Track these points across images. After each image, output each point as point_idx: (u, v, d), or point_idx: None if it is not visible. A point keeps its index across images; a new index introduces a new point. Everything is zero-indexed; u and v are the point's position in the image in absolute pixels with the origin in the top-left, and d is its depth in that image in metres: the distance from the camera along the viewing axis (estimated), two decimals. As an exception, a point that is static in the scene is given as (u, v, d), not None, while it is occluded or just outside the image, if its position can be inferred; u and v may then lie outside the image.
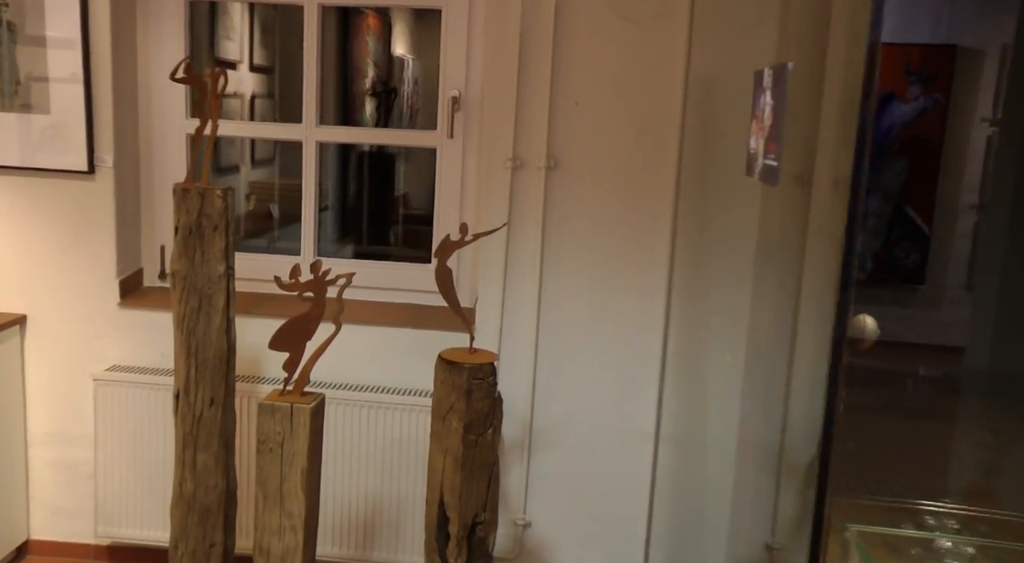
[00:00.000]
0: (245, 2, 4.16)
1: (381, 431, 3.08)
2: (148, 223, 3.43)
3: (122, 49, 3.20)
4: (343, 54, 6.37)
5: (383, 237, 3.93)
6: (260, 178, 5.67)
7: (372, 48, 6.51)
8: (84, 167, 3.17)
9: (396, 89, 4.72)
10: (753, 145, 1.83)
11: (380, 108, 4.73)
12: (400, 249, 3.71)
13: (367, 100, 4.76)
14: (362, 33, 6.55)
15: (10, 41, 3.11)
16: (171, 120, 3.34)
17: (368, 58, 6.38)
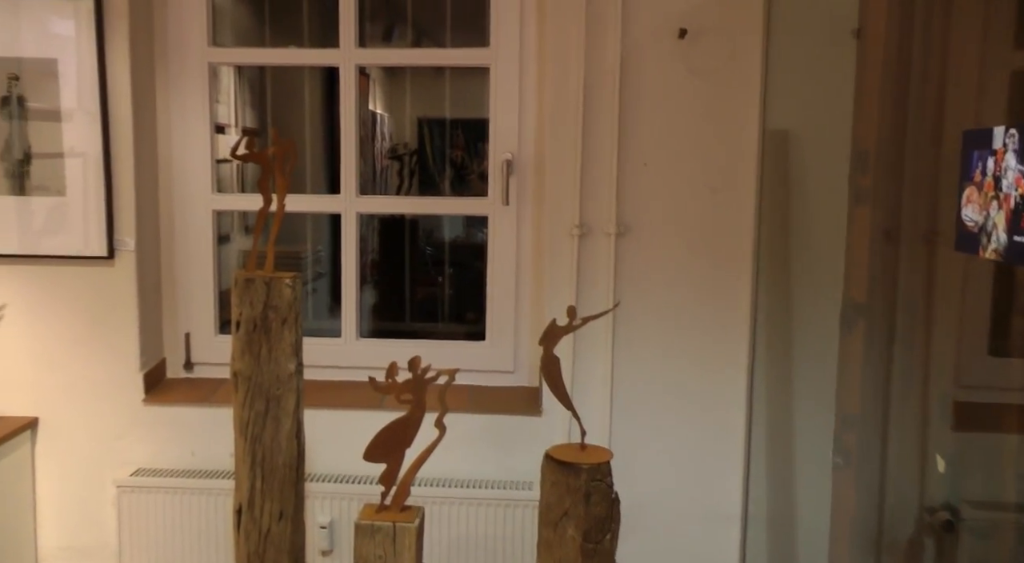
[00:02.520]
0: (260, 68, 3.91)
1: (455, 529, 2.79)
2: (171, 309, 3.13)
3: (142, 120, 2.92)
4: (329, 114, 6.14)
5: (422, 312, 3.66)
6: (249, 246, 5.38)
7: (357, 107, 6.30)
8: (103, 251, 2.87)
9: (418, 150, 4.48)
10: (973, 217, 1.61)
11: (402, 172, 4.50)
12: (446, 325, 3.44)
13: (390, 163, 4.53)
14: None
15: (20, 117, 2.81)
16: (196, 195, 3.06)
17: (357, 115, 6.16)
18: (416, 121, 5.40)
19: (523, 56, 2.94)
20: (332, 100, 4.72)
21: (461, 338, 3.20)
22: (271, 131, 2.14)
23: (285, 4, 3.74)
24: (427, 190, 4.85)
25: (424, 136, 4.95)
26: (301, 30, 3.65)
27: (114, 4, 2.80)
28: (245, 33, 3.97)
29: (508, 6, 2.91)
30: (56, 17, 2.78)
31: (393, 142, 5.24)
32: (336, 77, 3.03)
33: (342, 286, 3.07)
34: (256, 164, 2.14)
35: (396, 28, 4.19)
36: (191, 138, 3.03)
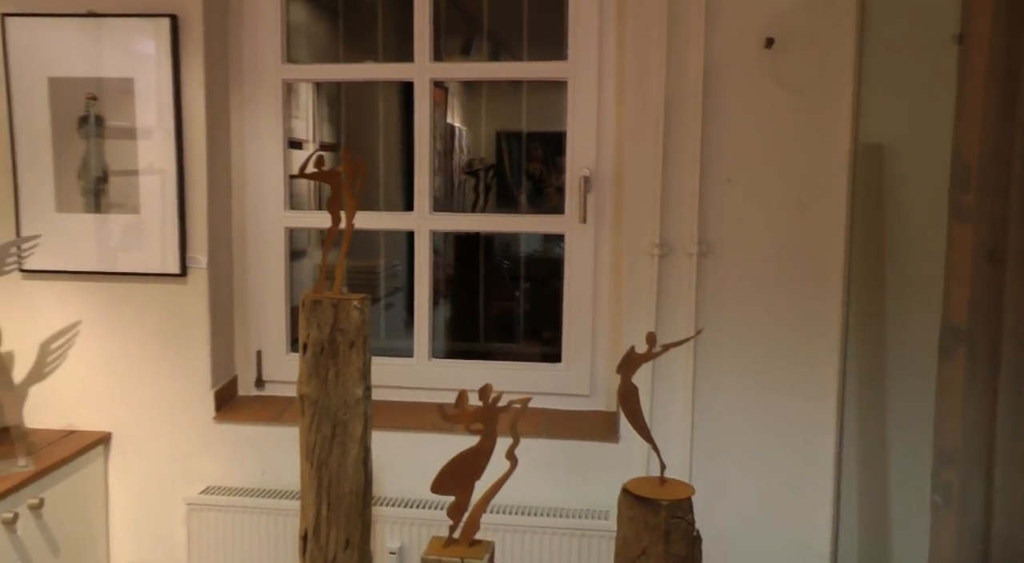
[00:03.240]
0: (337, 83, 3.88)
1: (527, 559, 2.68)
2: (242, 326, 3.10)
3: (216, 138, 2.91)
4: (406, 128, 6.11)
5: (497, 329, 3.57)
6: (330, 261, 5.37)
7: (435, 120, 6.26)
8: (176, 269, 2.86)
9: (495, 166, 4.41)
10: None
11: (478, 187, 4.43)
12: (520, 346, 3.34)
13: (465, 179, 4.47)
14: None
15: (98, 136, 2.82)
16: (268, 213, 3.03)
17: (432, 131, 6.12)
18: (494, 134, 5.35)
19: (601, 69, 2.85)
20: (409, 114, 4.65)
21: (536, 359, 3.09)
22: (341, 149, 2.08)
23: (361, 19, 3.72)
24: (504, 204, 4.78)
25: (502, 149, 4.88)
26: (377, 44, 3.61)
27: (190, 23, 2.79)
28: (321, 49, 3.95)
29: (586, 18, 2.82)
30: (134, 37, 2.79)
31: (470, 156, 5.19)
32: (412, 90, 2.97)
33: (415, 305, 3.00)
34: (326, 183, 2.08)
35: (474, 41, 4.14)
36: (264, 155, 3.01)
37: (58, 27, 2.81)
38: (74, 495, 2.84)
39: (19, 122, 2.85)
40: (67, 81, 2.82)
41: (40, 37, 2.81)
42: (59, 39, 2.81)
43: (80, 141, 2.83)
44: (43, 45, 2.81)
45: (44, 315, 2.96)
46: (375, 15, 3.60)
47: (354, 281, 4.41)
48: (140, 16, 2.78)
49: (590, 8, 2.81)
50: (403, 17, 3.00)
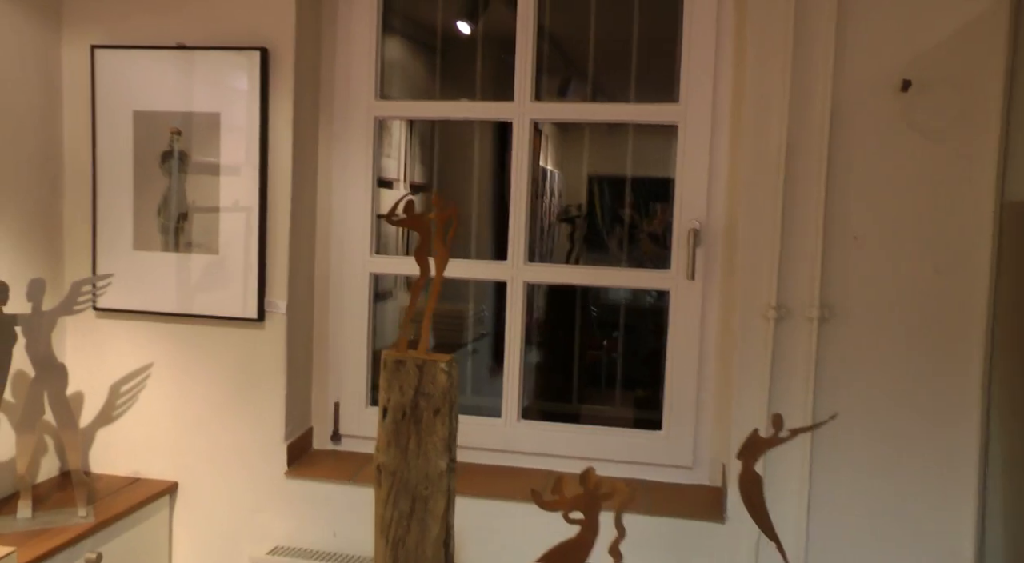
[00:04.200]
0: (430, 122, 3.72)
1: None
2: (320, 376, 2.93)
3: (302, 175, 2.76)
4: (499, 169, 5.95)
5: (590, 385, 3.33)
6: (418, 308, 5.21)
7: (530, 165, 6.08)
8: (254, 313, 2.70)
9: (591, 212, 4.20)
10: None
11: (573, 235, 4.22)
12: (616, 409, 3.10)
13: (559, 226, 4.27)
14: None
15: (180, 172, 2.70)
16: (353, 256, 2.87)
17: (529, 175, 5.94)
18: (586, 178, 5.13)
19: (715, 113, 2.62)
20: (503, 155, 4.48)
21: (634, 424, 2.85)
22: (432, 193, 1.89)
23: (457, 57, 3.56)
24: (594, 250, 4.54)
25: (594, 194, 4.66)
26: (472, 83, 3.45)
27: (281, 57, 2.66)
28: (416, 87, 3.81)
29: (700, 58, 2.60)
30: (223, 70, 2.67)
31: (564, 202, 4.98)
32: (508, 132, 2.80)
33: (505, 362, 2.79)
34: (414, 230, 1.89)
35: (571, 82, 3.95)
36: (352, 195, 2.85)
37: (146, 60, 2.71)
38: (135, 549, 2.68)
39: (102, 155, 2.75)
40: (152, 115, 2.71)
41: (128, 69, 2.72)
42: (146, 72, 2.70)
43: (162, 177, 2.72)
44: (130, 78, 2.72)
45: (116, 355, 2.84)
46: (472, 53, 3.45)
47: (438, 326, 4.22)
48: (230, 49, 2.66)
49: (704, 47, 2.60)
50: (503, 55, 2.83)
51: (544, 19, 2.74)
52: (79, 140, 2.80)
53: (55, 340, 2.72)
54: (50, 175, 2.78)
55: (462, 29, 3.48)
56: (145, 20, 2.74)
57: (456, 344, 4.28)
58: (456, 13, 3.33)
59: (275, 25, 2.66)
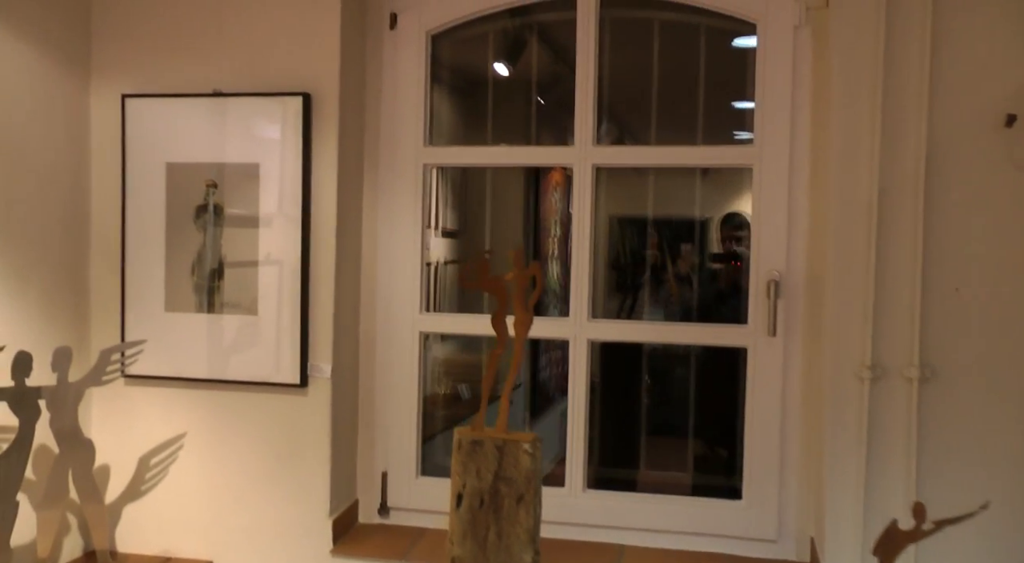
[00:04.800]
0: (460, 168, 3.53)
1: None
2: (367, 445, 2.71)
3: (346, 227, 2.57)
4: (534, 212, 5.76)
5: (657, 453, 3.07)
6: (447, 354, 5.00)
7: (558, 206, 5.89)
8: (296, 378, 2.50)
9: (646, 258, 3.99)
10: None
11: (626, 283, 4.01)
12: (686, 475, 2.86)
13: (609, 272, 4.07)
14: (549, 190, 5.94)
15: (216, 226, 2.51)
16: (402, 314, 2.67)
17: (555, 217, 5.74)
18: (607, 219, 4.90)
19: (794, 153, 2.42)
20: (534, 202, 4.31)
21: (709, 492, 2.62)
22: (511, 252, 1.69)
23: (492, 100, 3.38)
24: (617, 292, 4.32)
25: (616, 236, 4.44)
26: (507, 127, 3.26)
27: (324, 103, 2.48)
28: (449, 132, 3.64)
29: (776, 95, 2.41)
30: (262, 118, 2.49)
31: (596, 246, 4.78)
32: (538, 177, 2.60)
33: (568, 426, 2.57)
34: (491, 294, 1.68)
35: (603, 124, 3.75)
36: (400, 248, 2.66)
37: (180, 108, 2.53)
38: (169, 640, 2.46)
39: (132, 211, 2.57)
40: (186, 167, 2.53)
41: (160, 119, 2.54)
42: (180, 121, 2.53)
43: (196, 233, 2.53)
44: (163, 128, 2.54)
45: (146, 425, 2.63)
46: (509, 96, 3.26)
47: (467, 377, 4.01)
48: (271, 95, 2.48)
49: (781, 82, 2.41)
50: (522, 102, 2.66)
51: (603, 61, 2.56)
52: (108, 195, 2.62)
53: (79, 408, 2.54)
54: (77, 233, 2.59)
55: (501, 72, 3.31)
56: (179, 66, 2.57)
57: (493, 395, 4.04)
58: (494, 57, 3.16)
59: (318, 70, 2.49)
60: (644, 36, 2.68)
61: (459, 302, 3.54)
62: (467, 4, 2.63)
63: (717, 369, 2.77)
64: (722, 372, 2.69)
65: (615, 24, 2.59)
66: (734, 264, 3.16)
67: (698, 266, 3.20)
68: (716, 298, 3.30)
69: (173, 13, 2.57)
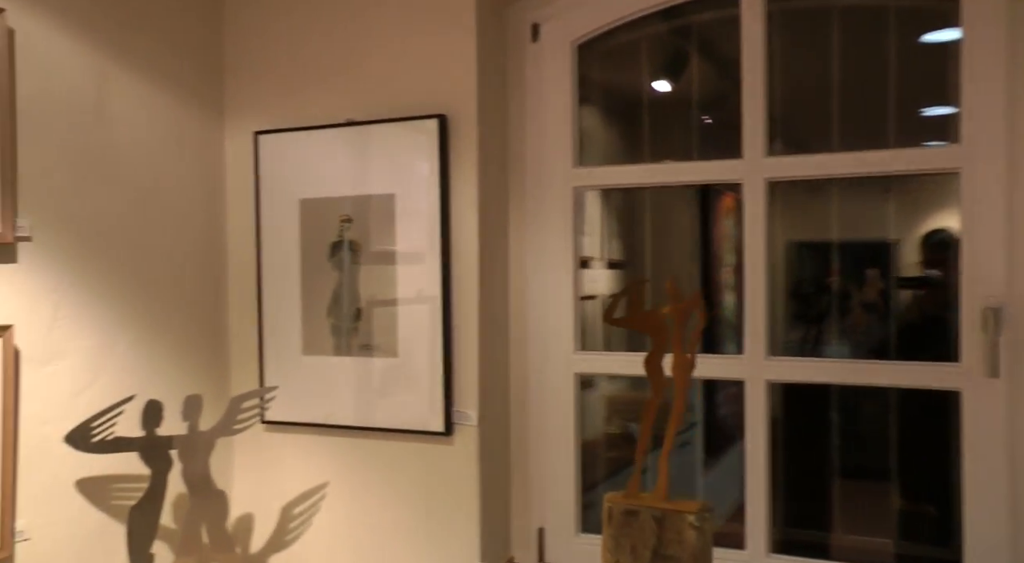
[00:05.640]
0: (623, 192, 3.25)
1: None
2: (521, 498, 2.46)
3: (491, 259, 2.35)
4: (706, 239, 5.41)
5: (848, 518, 2.66)
6: (616, 391, 4.71)
7: (732, 231, 5.50)
8: (439, 426, 2.28)
9: (830, 286, 3.59)
10: None
11: (809, 315, 3.62)
12: (890, 540, 2.44)
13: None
14: (722, 214, 5.57)
15: (352, 264, 2.35)
16: (555, 354, 2.41)
17: (729, 243, 5.36)
18: (785, 244, 4.43)
19: (1014, 155, 2.01)
20: (706, 227, 3.94)
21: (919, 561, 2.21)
22: (667, 284, 1.40)
23: (651, 120, 3.09)
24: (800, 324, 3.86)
25: (797, 262, 3.99)
26: (670, 148, 2.97)
27: (462, 125, 2.28)
28: (605, 154, 3.38)
29: (988, 82, 2.01)
30: (397, 146, 2.32)
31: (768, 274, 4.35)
32: (709, 199, 2.30)
33: (747, 481, 2.23)
34: (643, 332, 1.40)
35: (776, 138, 3.38)
36: (551, 281, 2.41)
37: (312, 142, 2.40)
38: None
39: (267, 251, 2.45)
40: (320, 202, 2.39)
41: (292, 154, 2.42)
42: (313, 155, 2.40)
43: (331, 271, 2.37)
44: (295, 163, 2.42)
45: (287, 473, 2.50)
46: (669, 116, 2.97)
47: (632, 413, 3.66)
48: (405, 120, 2.30)
49: (993, 68, 2.01)
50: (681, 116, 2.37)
51: (773, 60, 2.24)
52: (243, 236, 2.52)
53: (220, 455, 2.43)
54: (213, 276, 2.50)
55: (660, 89, 3.02)
56: (310, 99, 2.44)
57: (658, 436, 3.71)
58: (648, 68, 2.88)
59: (454, 89, 2.29)
60: (820, 28, 2.33)
61: (630, 340, 3.25)
62: (615, 7, 2.37)
63: (921, 408, 2.36)
64: (927, 411, 2.29)
65: (785, 16, 2.26)
66: (932, 289, 2.72)
67: (886, 293, 2.81)
68: (911, 329, 2.86)
69: (303, 46, 2.46)
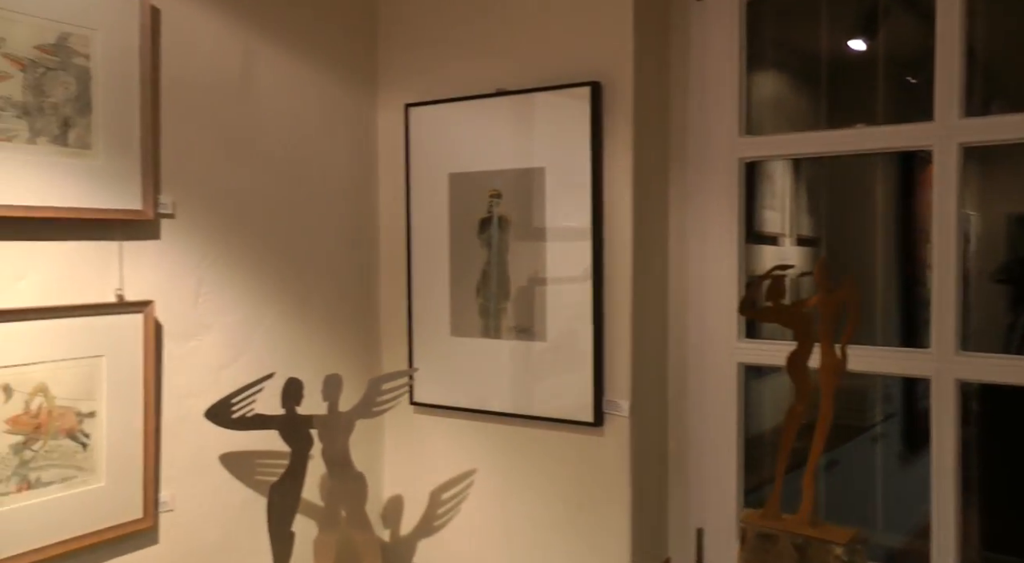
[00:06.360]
0: (817, 161, 2.96)
1: None
2: (679, 494, 2.29)
3: (646, 237, 2.17)
4: (905, 215, 4.96)
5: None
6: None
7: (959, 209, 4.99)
8: (588, 416, 2.14)
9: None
10: None
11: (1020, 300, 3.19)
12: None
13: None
14: (925, 185, 5.09)
15: (500, 242, 2.24)
16: (716, 342, 2.22)
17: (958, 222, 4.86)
18: (1007, 219, 3.87)
19: None
20: (906, 201, 3.54)
21: None
22: (815, 265, 1.19)
23: (842, 84, 2.78)
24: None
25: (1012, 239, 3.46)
26: (863, 112, 2.65)
27: (617, 92, 2.11)
28: (787, 124, 3.10)
29: None
30: (546, 118, 2.18)
31: (982, 252, 3.81)
32: (912, 168, 2.02)
33: (932, 497, 1.95)
34: (784, 326, 1.20)
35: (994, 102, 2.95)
36: (712, 262, 2.21)
37: (461, 113, 2.30)
38: None
39: (417, 227, 2.39)
40: (468, 176, 2.29)
41: (442, 127, 2.33)
42: (462, 127, 2.31)
43: (480, 249, 2.27)
44: (444, 136, 2.33)
45: (435, 457, 2.44)
46: (861, 77, 2.65)
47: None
48: (555, 89, 2.16)
49: None
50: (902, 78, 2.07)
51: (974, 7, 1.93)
52: (393, 212, 2.47)
53: (371, 435, 2.40)
54: (365, 253, 2.46)
55: (854, 48, 2.70)
56: (461, 69, 2.34)
57: (855, 427, 3.41)
58: (844, 31, 2.58)
59: (609, 54, 2.12)
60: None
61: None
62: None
63: None
64: None
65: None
66: None
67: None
68: None
69: (455, 15, 2.36)
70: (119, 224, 1.83)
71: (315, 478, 2.23)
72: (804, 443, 2.04)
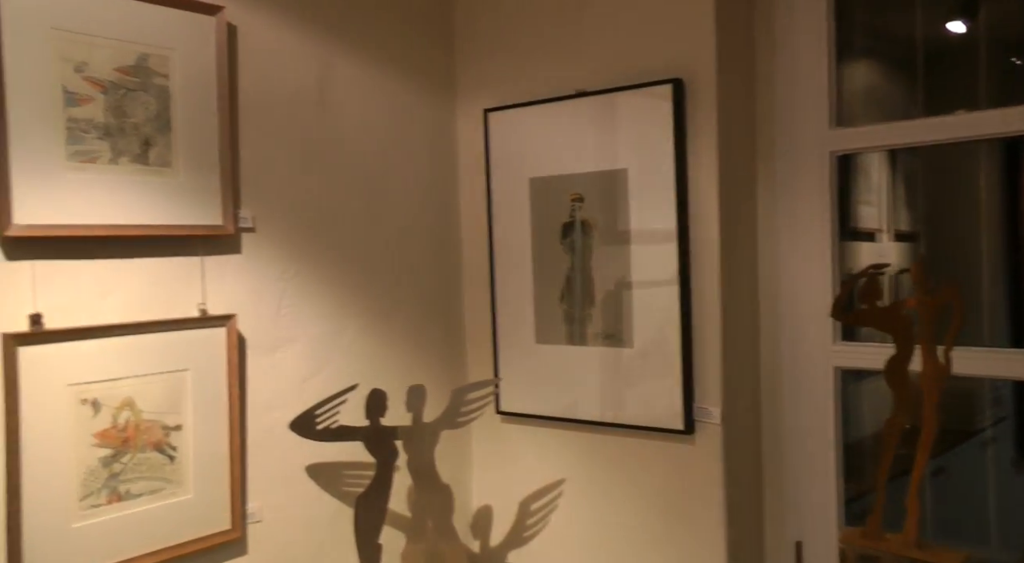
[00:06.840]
0: (913, 153, 2.82)
1: None
2: (775, 506, 2.20)
3: (734, 237, 2.09)
4: (1011, 207, 4.72)
5: None
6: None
7: None
8: (678, 423, 2.08)
9: None
10: None
11: None
12: None
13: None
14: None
15: (584, 247, 2.19)
16: (810, 344, 2.12)
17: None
18: None
19: None
20: (1014, 189, 3.35)
21: None
22: (912, 265, 1.11)
23: (942, 70, 2.63)
24: None
25: None
26: (965, 99, 2.50)
27: (699, 90, 2.04)
28: (884, 114, 2.96)
29: None
30: (627, 118, 2.13)
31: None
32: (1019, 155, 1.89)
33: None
34: (880, 331, 1.12)
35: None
36: (804, 261, 2.11)
37: (541, 117, 2.27)
38: None
39: (499, 233, 2.36)
40: (549, 180, 2.25)
41: (521, 131, 2.30)
42: (542, 131, 2.27)
43: (563, 254, 2.23)
44: (525, 140, 2.30)
45: (523, 467, 2.40)
46: (962, 63, 2.51)
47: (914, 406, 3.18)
48: (636, 87, 2.10)
49: None
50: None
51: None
52: (475, 220, 2.45)
53: (458, 445, 2.38)
54: (447, 262, 2.44)
55: (952, 31, 2.57)
56: (540, 72, 2.31)
57: (964, 431, 3.25)
58: (941, 14, 2.45)
59: (690, 48, 2.05)
60: None
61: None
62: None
63: None
64: None
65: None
66: None
67: None
68: None
69: (532, 17, 2.33)
70: (200, 240, 1.85)
71: (402, 489, 2.21)
72: (907, 450, 1.94)
